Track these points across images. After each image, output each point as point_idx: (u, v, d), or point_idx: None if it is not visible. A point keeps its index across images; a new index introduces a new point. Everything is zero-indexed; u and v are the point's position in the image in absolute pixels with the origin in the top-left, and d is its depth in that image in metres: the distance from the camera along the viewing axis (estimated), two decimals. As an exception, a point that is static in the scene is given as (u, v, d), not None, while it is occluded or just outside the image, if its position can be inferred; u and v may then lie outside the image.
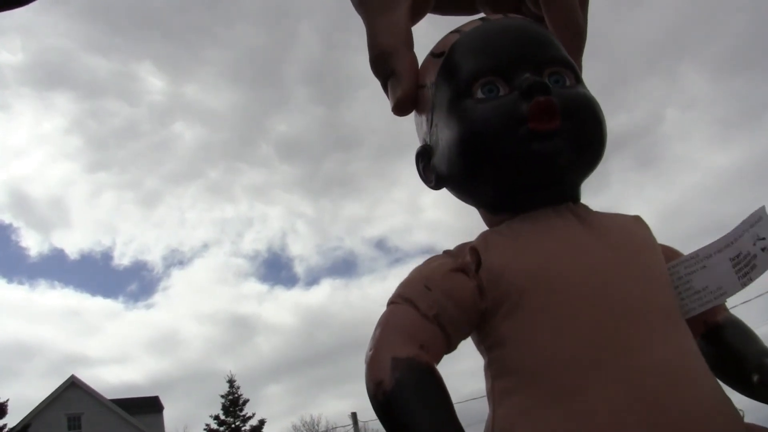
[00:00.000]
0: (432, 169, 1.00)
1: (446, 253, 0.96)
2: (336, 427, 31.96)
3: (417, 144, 1.03)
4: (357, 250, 55.72)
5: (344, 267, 53.88)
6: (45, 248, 49.44)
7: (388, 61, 0.97)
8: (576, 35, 1.00)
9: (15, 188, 47.83)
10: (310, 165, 52.14)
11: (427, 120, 1.00)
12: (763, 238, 0.87)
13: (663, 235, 0.97)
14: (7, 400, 19.62)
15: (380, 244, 55.91)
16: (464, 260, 0.91)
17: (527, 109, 0.89)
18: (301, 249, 53.86)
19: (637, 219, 0.98)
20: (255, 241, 51.10)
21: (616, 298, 0.86)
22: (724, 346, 0.92)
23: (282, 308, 51.50)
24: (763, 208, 0.87)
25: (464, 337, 0.92)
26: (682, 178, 52.08)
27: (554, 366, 0.85)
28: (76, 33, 48.57)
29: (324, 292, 51.78)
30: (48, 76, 48.37)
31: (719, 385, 0.87)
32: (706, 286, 0.90)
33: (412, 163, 1.05)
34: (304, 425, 33.61)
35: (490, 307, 0.89)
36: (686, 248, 0.97)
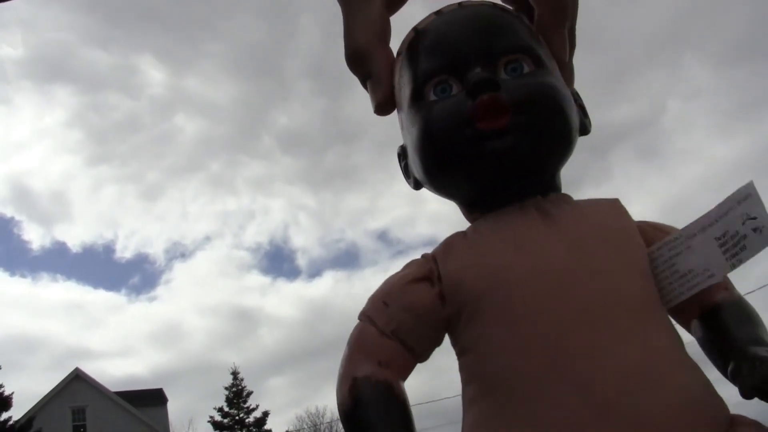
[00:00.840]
0: (411, 170, 0.99)
1: (423, 256, 0.95)
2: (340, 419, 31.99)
3: None
4: (359, 242, 55.71)
5: (347, 259, 53.80)
6: (47, 241, 49.49)
7: (364, 61, 0.94)
8: (557, 9, 0.93)
9: (17, 182, 47.84)
10: (311, 157, 52.11)
11: (400, 121, 0.99)
12: (754, 218, 0.80)
13: (666, 227, 0.91)
14: (12, 393, 19.73)
15: (383, 236, 55.91)
16: (430, 267, 0.90)
17: (472, 107, 0.86)
18: (304, 241, 53.92)
19: (614, 204, 0.94)
20: (257, 233, 51.11)
21: (574, 299, 0.83)
22: (716, 329, 0.86)
23: (284, 300, 51.57)
24: (751, 184, 0.81)
25: (433, 345, 0.92)
26: (684, 169, 51.97)
27: (512, 374, 0.84)
28: (76, 26, 48.43)
29: (326, 285, 51.78)
30: (48, 69, 48.30)
31: (695, 382, 0.82)
32: (692, 269, 0.85)
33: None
34: (309, 417, 33.76)
35: (453, 313, 0.88)
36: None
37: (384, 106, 0.96)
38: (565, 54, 0.96)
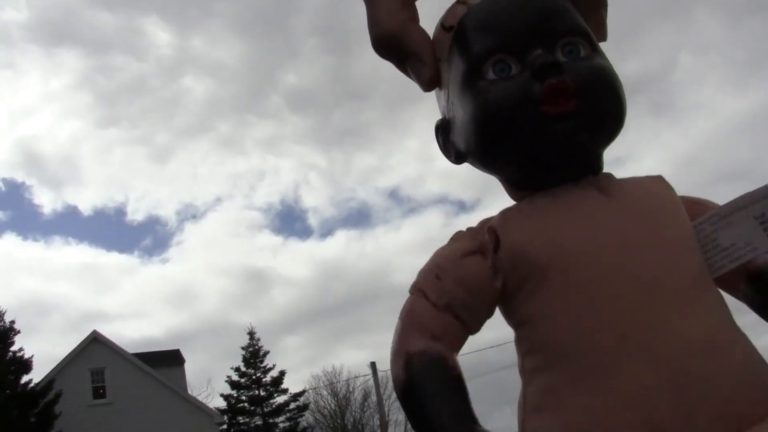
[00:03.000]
0: (452, 144, 0.99)
1: (468, 230, 0.95)
2: (357, 377, 32.26)
3: (427, 94, 1.02)
4: (370, 200, 55.62)
5: (358, 218, 53.85)
6: (58, 205, 49.62)
7: (399, 43, 0.96)
8: None
9: (26, 147, 47.74)
10: (321, 116, 51.64)
11: (445, 95, 0.99)
12: None
13: (679, 183, 0.96)
14: (32, 357, 19.83)
15: (393, 194, 55.81)
16: (482, 240, 0.91)
17: (540, 91, 0.86)
18: (315, 201, 53.84)
19: (659, 180, 0.96)
20: (268, 193, 51.07)
21: (639, 271, 0.84)
22: (766, 287, 0.89)
23: (297, 260, 51.70)
24: None
25: (485, 318, 0.93)
26: (697, 124, 51.27)
27: (580, 345, 0.83)
28: (79, -14, 47.63)
29: (338, 244, 51.85)
30: (54, 32, 47.69)
31: (753, 353, 0.86)
32: (734, 243, 0.89)
33: (423, 112, 0.99)
34: (325, 375, 33.99)
35: (511, 285, 0.89)
36: (703, 195, 0.97)
37: (433, 83, 0.98)
38: (603, 35, 0.99)
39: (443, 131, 1.01)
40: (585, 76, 0.88)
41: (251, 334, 30.52)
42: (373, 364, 26.31)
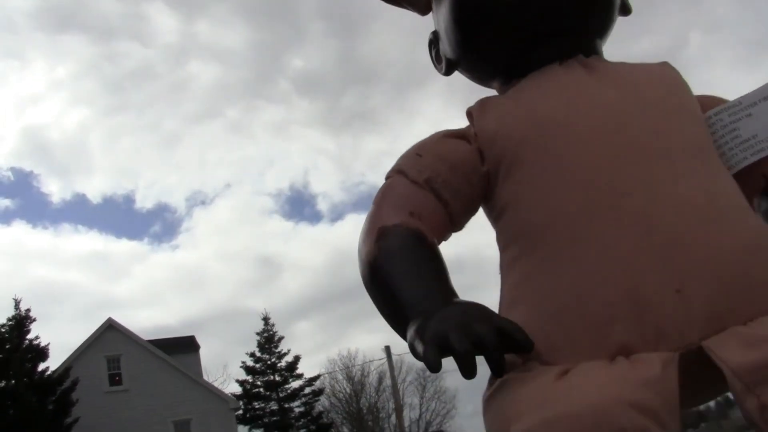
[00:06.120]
0: (442, 56, 0.98)
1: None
2: (372, 360, 32.24)
3: (435, 76, 0.99)
4: (380, 184, 55.41)
5: (368, 202, 53.27)
6: (67, 194, 49.73)
7: None
8: None
9: (33, 135, 47.68)
10: (329, 100, 51.37)
11: (434, 12, 0.97)
12: None
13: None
14: (48, 344, 19.82)
15: (404, 178, 55.48)
16: (466, 129, 0.88)
17: None
18: (324, 185, 53.71)
19: (664, 64, 0.92)
20: (277, 179, 50.91)
21: (628, 136, 0.78)
22: None
23: (307, 245, 51.63)
24: None
25: (468, 208, 0.86)
26: (710, 100, 50.66)
27: (560, 216, 0.77)
28: (85, -27, 47.34)
29: (349, 228, 51.65)
30: (59, 20, 47.52)
31: (759, 225, 0.78)
32: (755, 134, 0.82)
33: (432, 95, 1.06)
34: (340, 359, 33.96)
35: (492, 170, 0.84)
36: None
37: (428, 6, 0.97)
38: None
39: (435, 44, 0.99)
40: None
41: (266, 319, 30.49)
42: (387, 348, 26.26)
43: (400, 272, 0.74)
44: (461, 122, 0.92)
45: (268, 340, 30.25)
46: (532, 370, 0.74)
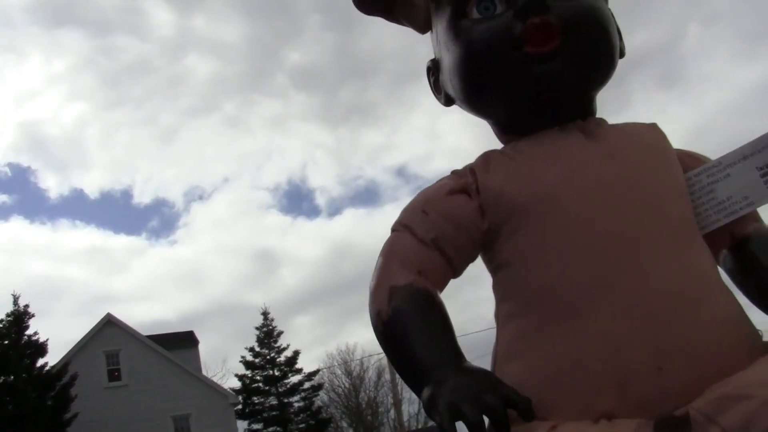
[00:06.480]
0: (441, 86, 0.99)
1: (454, 173, 0.92)
2: (371, 355, 32.25)
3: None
4: (378, 178, 55.39)
5: (366, 196, 53.60)
6: (64, 189, 49.59)
7: None
8: None
9: (30, 130, 47.53)
10: (326, 94, 51.25)
11: (434, 36, 0.97)
12: None
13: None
14: (47, 340, 19.80)
15: (401, 172, 55.49)
16: (466, 180, 0.90)
17: (521, 30, 0.85)
18: (322, 179, 53.66)
19: (653, 127, 0.94)
20: (275, 173, 50.85)
21: (621, 216, 0.82)
22: (748, 259, 0.88)
23: (306, 239, 51.58)
24: None
25: (469, 260, 0.91)
26: (706, 95, 50.61)
27: (552, 288, 0.82)
28: (82, -34, 47.14)
29: (347, 222, 51.68)
30: (55, 14, 47.34)
31: (734, 305, 0.83)
32: (731, 196, 0.85)
33: (430, 90, 1.02)
34: (339, 354, 33.98)
35: (492, 228, 0.87)
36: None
37: (429, 24, 0.95)
38: None
39: (434, 72, 1.00)
40: (570, 14, 0.85)
41: (265, 314, 30.47)
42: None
43: (412, 335, 0.80)
44: (459, 117, 0.97)
45: (268, 335, 30.24)
46: (526, 423, 0.80)
